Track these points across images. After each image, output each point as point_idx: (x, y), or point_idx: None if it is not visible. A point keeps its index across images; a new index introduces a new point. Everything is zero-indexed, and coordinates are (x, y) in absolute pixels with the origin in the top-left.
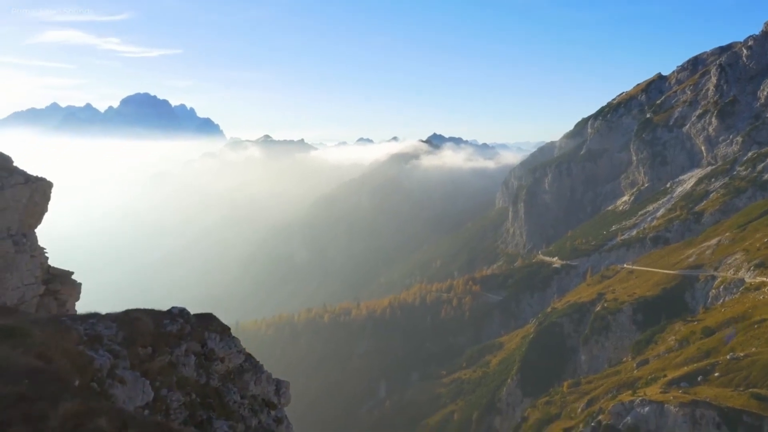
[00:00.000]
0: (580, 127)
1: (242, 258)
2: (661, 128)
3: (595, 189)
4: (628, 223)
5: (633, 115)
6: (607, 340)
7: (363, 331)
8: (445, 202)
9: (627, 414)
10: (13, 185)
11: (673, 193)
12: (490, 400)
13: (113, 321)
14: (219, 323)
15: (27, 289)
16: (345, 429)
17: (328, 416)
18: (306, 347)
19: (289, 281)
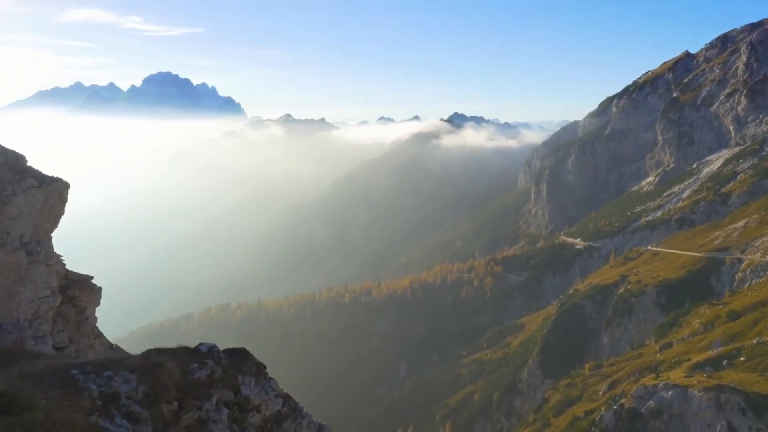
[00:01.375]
0: (604, 106)
1: (263, 237)
2: (688, 107)
3: (620, 169)
4: (653, 204)
5: (659, 94)
6: (629, 322)
7: (383, 311)
8: (466, 181)
9: (650, 398)
10: (25, 189)
11: (699, 173)
12: (511, 381)
13: (133, 371)
14: (253, 361)
15: (42, 303)
16: (365, 408)
17: (348, 395)
18: (327, 326)
19: (310, 261)
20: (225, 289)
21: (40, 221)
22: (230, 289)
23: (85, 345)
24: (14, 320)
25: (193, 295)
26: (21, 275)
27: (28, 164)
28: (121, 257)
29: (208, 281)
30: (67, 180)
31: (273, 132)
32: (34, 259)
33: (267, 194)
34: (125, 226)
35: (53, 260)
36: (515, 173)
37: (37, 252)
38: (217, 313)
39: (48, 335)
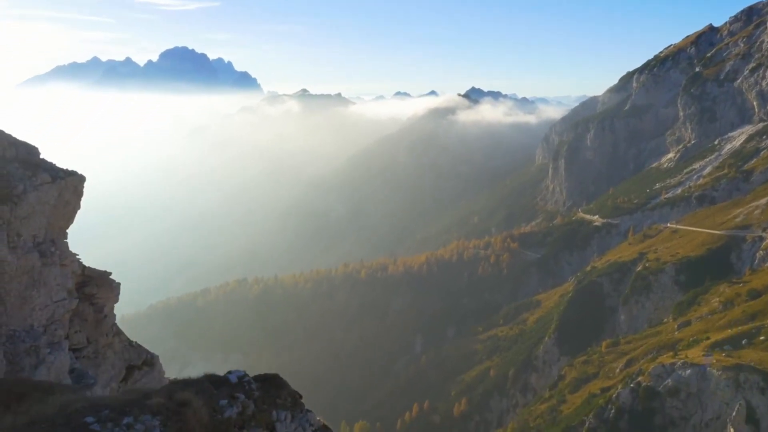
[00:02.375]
0: (624, 81)
1: (280, 212)
2: (711, 82)
3: (639, 145)
4: (673, 181)
5: (681, 68)
6: (647, 300)
7: (399, 286)
8: (483, 157)
9: (668, 376)
10: (38, 186)
11: (721, 150)
12: (527, 357)
13: (155, 414)
14: (288, 391)
15: (57, 307)
16: (381, 383)
17: (365, 370)
18: (343, 302)
19: (326, 236)
20: (242, 264)
21: (53, 219)
22: (247, 264)
23: (104, 344)
24: (28, 327)
25: (210, 270)
26: (34, 279)
27: (41, 157)
28: (139, 233)
29: (224, 256)
30: (82, 173)
31: (289, 107)
32: (48, 260)
33: (283, 169)
34: (142, 201)
35: (68, 260)
36: (533, 149)
37: (51, 253)
38: (234, 288)
39: (64, 340)
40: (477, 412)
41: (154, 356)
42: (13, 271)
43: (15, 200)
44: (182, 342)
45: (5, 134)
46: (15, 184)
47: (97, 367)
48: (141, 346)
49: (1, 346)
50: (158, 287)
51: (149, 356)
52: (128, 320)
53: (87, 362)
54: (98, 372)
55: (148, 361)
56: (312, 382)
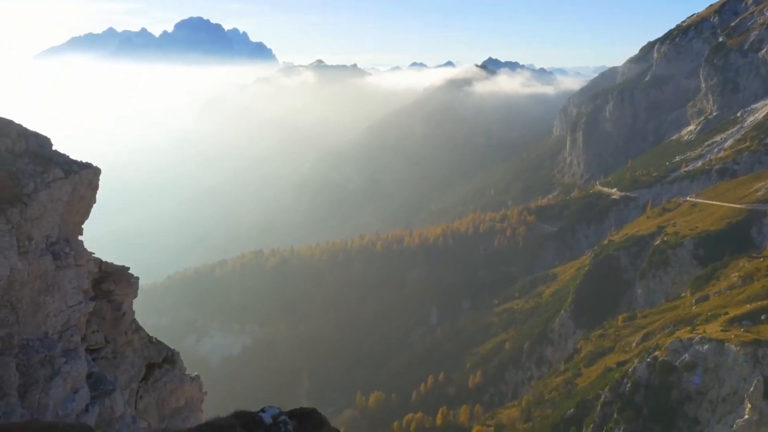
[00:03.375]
0: (645, 51)
1: (295, 184)
2: (735, 53)
3: (659, 117)
4: (693, 153)
5: (704, 38)
6: (665, 274)
7: (415, 259)
8: (500, 129)
9: (685, 351)
10: (50, 183)
11: (743, 122)
12: (543, 330)
13: None
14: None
15: (73, 311)
16: (396, 354)
17: (380, 342)
18: (359, 274)
19: (342, 207)
20: (258, 235)
21: (67, 216)
22: (263, 236)
23: (123, 343)
24: (42, 335)
25: (227, 241)
26: (48, 283)
27: (53, 148)
28: (156, 204)
29: (240, 228)
30: (98, 166)
31: (305, 78)
32: (63, 263)
33: (299, 141)
34: (158, 173)
35: (84, 259)
36: (550, 120)
37: (65, 254)
38: (251, 260)
39: (80, 346)
40: (492, 384)
41: (174, 353)
42: (24, 277)
43: (25, 200)
44: (200, 312)
45: (14, 125)
46: (25, 182)
47: (116, 368)
48: (161, 343)
49: (13, 358)
50: (175, 258)
51: (170, 353)
52: (146, 291)
53: (105, 363)
54: (117, 373)
55: (169, 359)
56: (328, 353)
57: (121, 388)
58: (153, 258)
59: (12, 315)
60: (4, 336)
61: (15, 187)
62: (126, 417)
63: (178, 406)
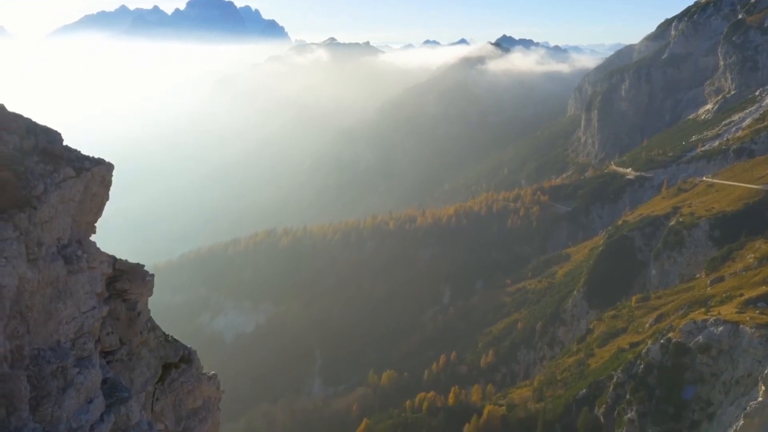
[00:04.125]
0: (662, 28)
1: (308, 163)
2: (755, 30)
3: (676, 96)
4: (710, 133)
5: (723, 15)
6: (680, 255)
7: (428, 238)
8: (513, 108)
9: (699, 333)
10: (60, 183)
11: (762, 101)
12: (555, 310)
13: None
14: None
15: (86, 318)
16: (408, 333)
17: (393, 320)
18: (371, 253)
19: (355, 186)
20: (270, 214)
21: (79, 216)
22: (276, 215)
23: (138, 344)
24: (54, 344)
25: (240, 220)
26: (59, 289)
27: (63, 143)
28: (169, 182)
29: (253, 207)
30: (110, 161)
31: (317, 56)
32: (75, 267)
33: (311, 119)
34: (172, 151)
35: (97, 261)
36: (565, 99)
37: (77, 257)
38: (264, 239)
39: (94, 353)
40: (504, 363)
41: (191, 351)
42: (35, 285)
43: (35, 204)
44: (213, 291)
45: (23, 119)
46: (34, 184)
47: (131, 371)
48: (177, 341)
49: (24, 371)
50: (188, 237)
51: (186, 351)
52: (160, 269)
53: (120, 366)
54: (133, 376)
55: (185, 358)
56: (341, 332)
57: (137, 392)
58: (167, 236)
59: (22, 326)
60: (14, 348)
61: (23, 189)
62: (142, 424)
63: (195, 407)
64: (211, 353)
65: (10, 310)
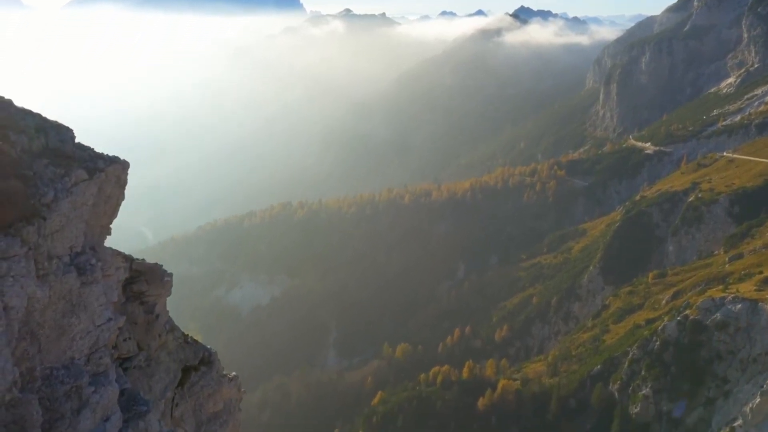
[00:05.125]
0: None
1: (323, 135)
2: None
3: (698, 69)
4: (732, 107)
5: None
6: (698, 231)
7: (443, 212)
8: (531, 80)
9: (716, 310)
10: (72, 188)
11: None
12: (570, 286)
13: None
14: None
15: (101, 331)
16: (423, 307)
17: (407, 294)
18: (386, 227)
19: (370, 160)
20: (286, 187)
21: (93, 220)
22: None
23: (157, 347)
24: (67, 361)
25: (255, 193)
26: (72, 303)
27: (75, 141)
28: (184, 155)
29: (268, 180)
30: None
31: (333, 28)
32: (88, 278)
33: (327, 92)
34: (187, 124)
35: (113, 267)
36: (583, 72)
37: (91, 266)
38: (279, 212)
39: (111, 368)
40: (518, 338)
41: (212, 353)
42: (45, 303)
43: (44, 214)
44: (229, 263)
45: (32, 116)
46: (43, 191)
47: (150, 378)
48: (198, 342)
49: (36, 393)
50: (204, 209)
51: (207, 353)
52: (177, 242)
53: (138, 373)
54: (151, 383)
55: (206, 360)
56: (355, 305)
57: (156, 399)
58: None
59: (33, 346)
60: (24, 371)
61: (33, 196)
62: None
63: (215, 410)
64: (228, 325)
65: (20, 332)
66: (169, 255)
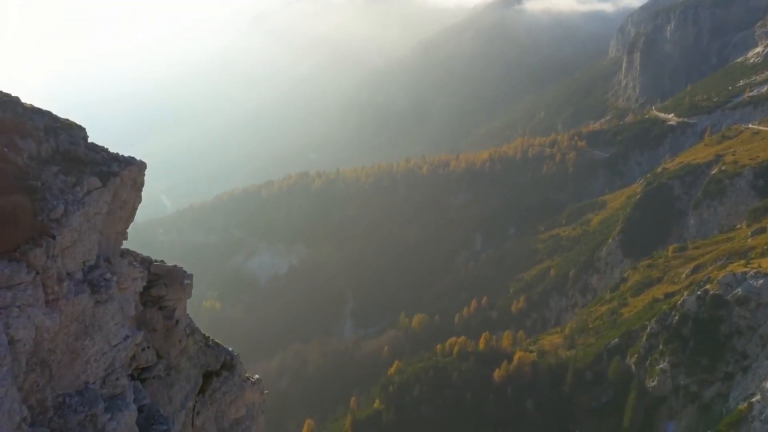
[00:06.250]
0: None
1: (340, 104)
2: None
3: (724, 38)
4: (759, 77)
5: None
6: (720, 205)
7: (461, 183)
8: (552, 49)
9: (737, 285)
10: (84, 198)
11: None
12: (589, 258)
13: None
14: None
15: (117, 351)
16: (440, 277)
17: (425, 264)
18: (404, 197)
19: (388, 129)
20: (303, 156)
21: (108, 228)
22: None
23: (177, 354)
24: (81, 386)
25: (272, 161)
26: (86, 324)
27: (88, 140)
28: (202, 123)
29: (286, 148)
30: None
31: None
32: (103, 296)
33: (344, 60)
34: (204, 91)
35: (129, 279)
36: (606, 40)
37: (105, 282)
38: (296, 181)
39: (128, 389)
40: (535, 310)
41: (233, 356)
42: (55, 331)
43: (53, 231)
44: (247, 232)
45: (41, 115)
46: (53, 205)
47: (170, 388)
48: (219, 345)
49: (47, 425)
50: (222, 178)
51: (228, 357)
52: (195, 210)
53: (158, 384)
54: (171, 393)
55: (228, 364)
56: (372, 274)
57: (176, 411)
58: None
59: (43, 375)
60: (35, 403)
61: (39, 212)
62: None
63: (238, 416)
64: (246, 293)
65: (28, 364)
66: (188, 223)
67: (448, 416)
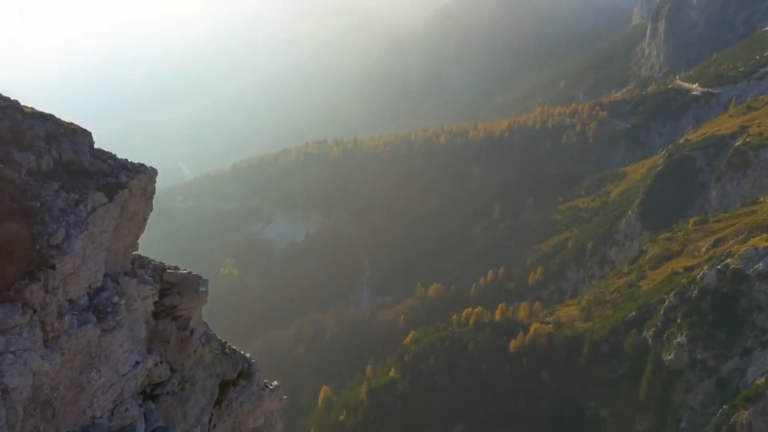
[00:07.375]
0: None
1: (358, 72)
2: None
3: (753, 5)
4: None
5: None
6: (744, 177)
7: (479, 152)
8: (573, 16)
9: (759, 260)
10: (87, 218)
11: None
12: (608, 230)
13: None
14: None
15: (126, 380)
16: (457, 248)
17: (442, 234)
18: (422, 167)
19: (405, 98)
20: (321, 124)
21: (116, 243)
22: (326, 125)
23: (191, 365)
24: (87, 422)
25: (290, 130)
26: (92, 356)
27: (94, 146)
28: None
29: (302, 117)
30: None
31: None
32: (110, 323)
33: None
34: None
35: (139, 299)
36: (630, 7)
37: (112, 306)
38: (314, 150)
39: (138, 419)
40: (552, 281)
41: (251, 364)
42: (57, 371)
43: (53, 260)
44: (264, 200)
45: (42, 120)
46: (52, 230)
47: (184, 403)
48: (236, 352)
49: None
50: (239, 146)
51: (246, 364)
52: (213, 178)
53: (172, 400)
54: (186, 408)
55: (245, 372)
56: (389, 244)
57: (191, 427)
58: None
59: (45, 417)
60: None
61: (38, 239)
62: None
63: (256, 426)
64: (263, 261)
65: (26, 411)
66: (205, 191)
67: (463, 386)
